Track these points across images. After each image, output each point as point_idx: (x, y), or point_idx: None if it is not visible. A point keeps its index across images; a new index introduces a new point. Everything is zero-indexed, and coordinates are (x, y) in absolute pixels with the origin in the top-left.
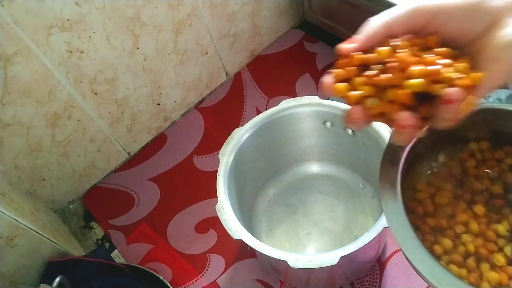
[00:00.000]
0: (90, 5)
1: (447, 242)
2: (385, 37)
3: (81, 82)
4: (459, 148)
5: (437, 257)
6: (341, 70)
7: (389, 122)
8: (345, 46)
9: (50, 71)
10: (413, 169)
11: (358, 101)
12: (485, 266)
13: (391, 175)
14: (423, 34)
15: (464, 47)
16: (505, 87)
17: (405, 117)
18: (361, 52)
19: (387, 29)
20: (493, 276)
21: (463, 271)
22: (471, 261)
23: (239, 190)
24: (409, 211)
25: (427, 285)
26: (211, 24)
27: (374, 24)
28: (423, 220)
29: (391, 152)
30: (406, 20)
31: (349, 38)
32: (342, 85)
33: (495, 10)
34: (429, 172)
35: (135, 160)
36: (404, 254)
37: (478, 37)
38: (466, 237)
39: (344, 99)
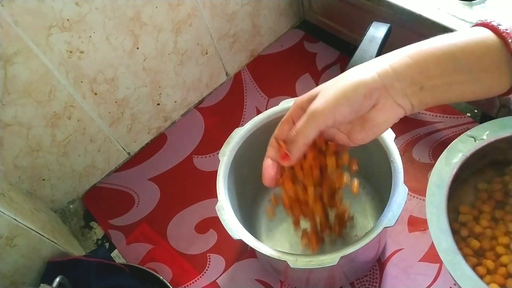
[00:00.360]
0: (90, 5)
1: (490, 264)
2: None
3: (81, 82)
4: (502, 172)
5: (479, 277)
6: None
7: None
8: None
9: (50, 71)
10: (457, 193)
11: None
12: None
13: (437, 198)
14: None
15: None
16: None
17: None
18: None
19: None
20: None
21: None
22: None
23: (239, 190)
24: (453, 232)
25: (426, 285)
26: (211, 24)
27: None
28: (466, 243)
29: (438, 176)
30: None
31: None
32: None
33: (374, 97)
34: (472, 195)
35: (135, 160)
36: (450, 273)
37: (363, 114)
38: (506, 259)
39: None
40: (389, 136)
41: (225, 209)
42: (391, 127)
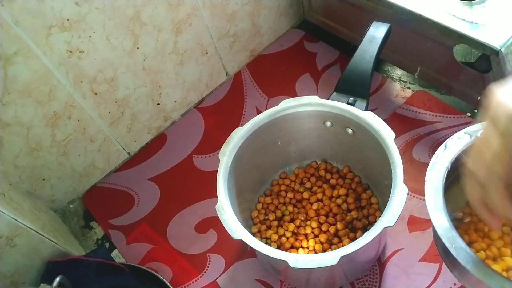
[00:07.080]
0: (90, 5)
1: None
2: None
3: (81, 82)
4: None
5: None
6: None
7: None
8: None
9: (50, 71)
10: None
11: None
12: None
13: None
14: None
15: None
16: None
17: None
18: None
19: None
20: None
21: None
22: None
23: (239, 190)
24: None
25: (426, 285)
26: (211, 24)
27: None
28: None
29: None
30: None
31: None
32: None
33: None
34: None
35: (135, 160)
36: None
37: None
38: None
39: None
40: (389, 136)
41: (225, 209)
42: (391, 127)
